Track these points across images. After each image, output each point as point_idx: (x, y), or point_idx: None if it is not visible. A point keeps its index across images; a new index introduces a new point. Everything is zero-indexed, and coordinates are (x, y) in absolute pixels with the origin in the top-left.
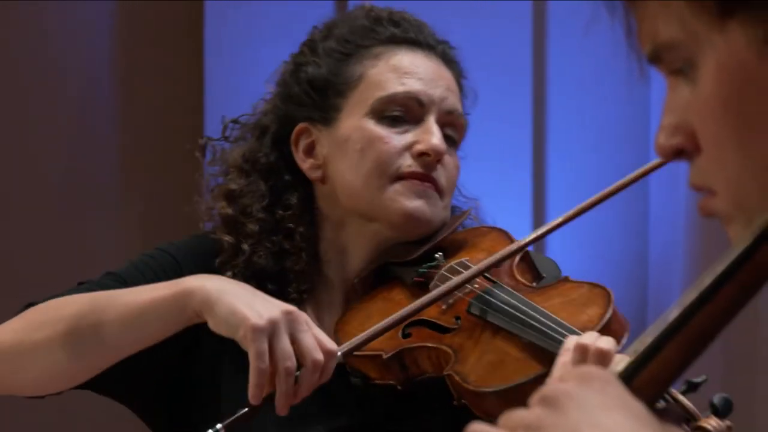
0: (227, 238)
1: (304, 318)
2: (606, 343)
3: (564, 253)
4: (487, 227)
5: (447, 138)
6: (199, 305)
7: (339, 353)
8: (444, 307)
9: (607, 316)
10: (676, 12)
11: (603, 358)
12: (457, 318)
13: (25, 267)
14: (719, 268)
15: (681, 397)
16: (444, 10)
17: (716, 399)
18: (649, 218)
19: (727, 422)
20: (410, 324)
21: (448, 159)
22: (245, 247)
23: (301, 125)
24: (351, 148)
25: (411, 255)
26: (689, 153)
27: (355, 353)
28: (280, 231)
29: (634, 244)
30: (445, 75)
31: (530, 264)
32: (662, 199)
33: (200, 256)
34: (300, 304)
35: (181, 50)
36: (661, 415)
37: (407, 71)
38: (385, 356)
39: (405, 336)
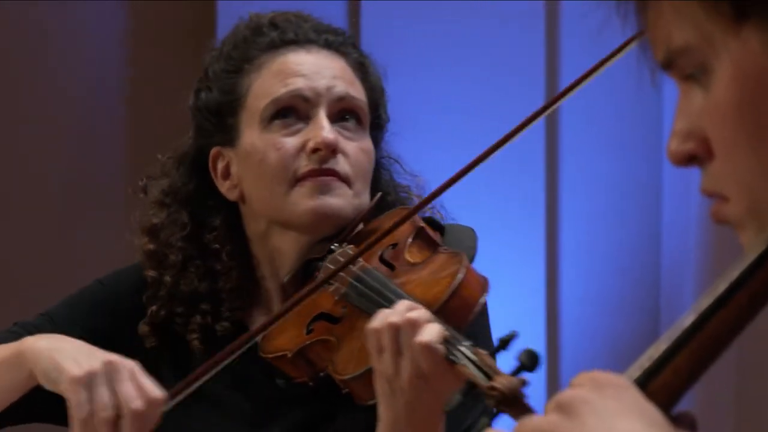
0: (151, 273)
1: (129, 366)
2: (415, 313)
3: (576, 259)
4: (402, 208)
5: (347, 124)
6: (30, 364)
7: (168, 400)
8: (336, 297)
9: (454, 284)
10: (690, 16)
11: (412, 327)
12: (345, 307)
13: (28, 269)
14: (734, 274)
15: (470, 355)
16: (458, 11)
17: (522, 354)
18: (662, 224)
19: (522, 377)
20: (313, 319)
21: (349, 146)
22: (167, 278)
23: (214, 150)
24: (253, 162)
25: (324, 250)
26: (702, 159)
27: (269, 356)
28: (207, 254)
29: (646, 251)
30: (332, 64)
31: (428, 240)
32: (675, 205)
33: (135, 293)
34: (242, 320)
35: (193, 52)
36: (676, 421)
37: (289, 72)
38: (290, 355)
39: (308, 332)
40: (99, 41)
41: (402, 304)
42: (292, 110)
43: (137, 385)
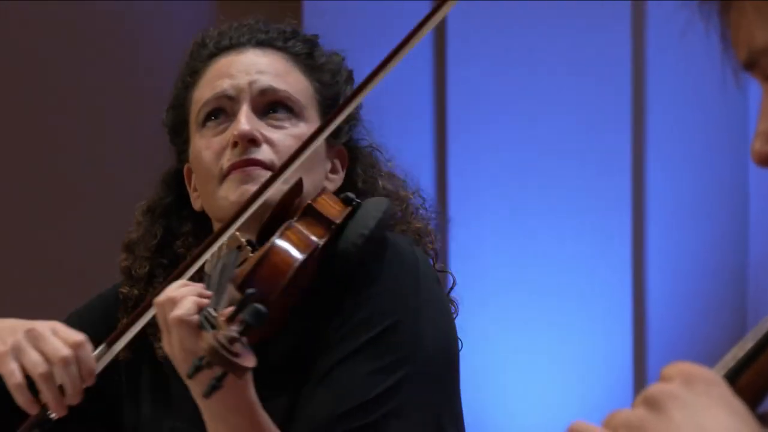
0: (123, 289)
1: (49, 325)
2: (177, 290)
3: (663, 260)
4: (327, 194)
5: (277, 115)
6: None
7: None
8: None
9: (260, 256)
10: None
11: (171, 303)
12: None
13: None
14: None
15: (211, 319)
16: (544, 12)
17: (246, 312)
18: (749, 225)
19: (233, 333)
20: None
21: (276, 134)
22: (135, 292)
23: (186, 167)
24: (195, 167)
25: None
26: None
27: None
28: (176, 261)
29: (733, 251)
30: (259, 60)
31: (318, 217)
32: (761, 206)
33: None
34: None
35: None
36: (762, 420)
37: (218, 75)
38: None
39: None
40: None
41: (174, 284)
42: (220, 111)
43: (60, 337)
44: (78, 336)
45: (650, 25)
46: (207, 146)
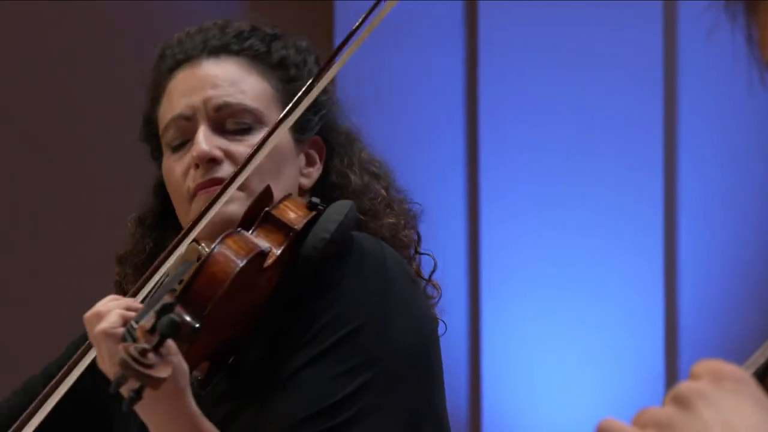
0: None
1: None
2: (105, 305)
3: (694, 261)
4: (291, 199)
5: (237, 128)
6: None
7: None
8: None
9: (198, 266)
10: None
11: (97, 318)
12: None
13: None
14: None
15: (131, 331)
16: (575, 11)
17: (161, 323)
18: None
19: (144, 344)
20: None
21: (237, 148)
22: None
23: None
24: (167, 186)
25: None
26: None
27: None
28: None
29: (765, 249)
30: (213, 72)
31: (277, 224)
32: None
33: None
34: None
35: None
36: None
37: (174, 93)
38: None
39: None
40: None
41: (105, 298)
42: (180, 131)
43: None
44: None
45: (682, 22)
46: (172, 168)
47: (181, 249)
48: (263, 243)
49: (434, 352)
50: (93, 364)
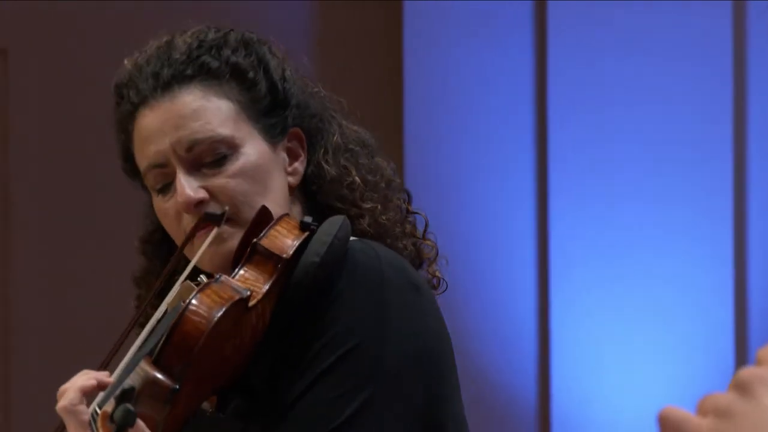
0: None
1: None
2: (72, 382)
3: (764, 247)
4: (287, 219)
5: (212, 161)
6: None
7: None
8: None
9: (170, 326)
10: None
11: (60, 395)
12: None
13: None
14: None
15: (93, 414)
16: (644, 5)
17: (116, 412)
18: None
19: None
20: None
21: (218, 182)
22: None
23: None
24: (159, 220)
25: None
26: None
27: None
28: None
29: None
30: (173, 108)
31: (266, 254)
32: None
33: None
34: None
35: (380, 52)
36: None
37: (141, 140)
38: None
39: None
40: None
41: (79, 374)
42: (159, 177)
43: None
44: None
45: (751, 15)
46: (165, 213)
47: (173, 292)
48: (247, 282)
49: (442, 358)
50: None
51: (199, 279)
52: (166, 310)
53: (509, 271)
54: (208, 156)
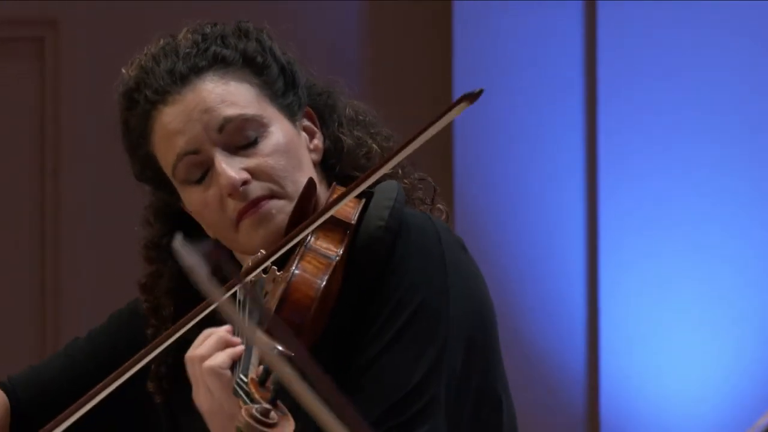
0: (149, 330)
1: None
2: (199, 342)
3: None
4: (336, 187)
5: (245, 142)
6: None
7: None
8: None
9: (281, 293)
10: None
11: (200, 359)
12: None
13: None
14: None
15: (241, 383)
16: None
17: (274, 380)
18: None
19: (265, 405)
20: None
21: (256, 162)
22: (163, 332)
23: (179, 204)
24: (198, 216)
25: None
26: None
27: None
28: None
29: None
30: (197, 96)
31: (336, 222)
32: None
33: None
34: None
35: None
36: None
37: (167, 134)
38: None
39: None
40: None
41: (203, 333)
42: (193, 166)
43: None
44: None
45: None
46: (204, 203)
47: (260, 269)
48: (329, 249)
49: (492, 320)
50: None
51: (259, 253)
52: (256, 283)
53: (559, 247)
54: (240, 138)
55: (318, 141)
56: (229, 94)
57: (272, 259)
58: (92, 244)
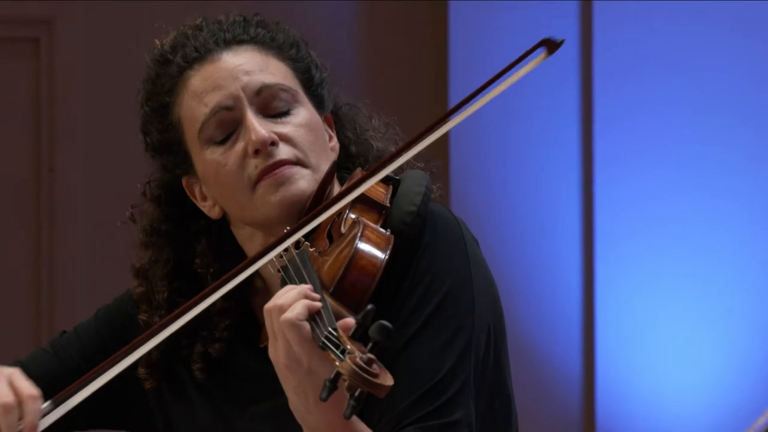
0: (142, 316)
1: (5, 374)
2: (283, 297)
3: None
4: (360, 171)
5: (278, 110)
6: None
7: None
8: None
9: (347, 261)
10: None
11: (280, 310)
12: None
13: None
14: None
15: (330, 336)
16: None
17: (373, 330)
18: None
19: (369, 354)
20: None
21: (287, 128)
22: (156, 319)
23: (184, 180)
24: (212, 182)
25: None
26: None
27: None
28: (194, 281)
29: None
30: (239, 60)
31: (370, 203)
32: None
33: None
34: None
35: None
36: None
37: (203, 90)
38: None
39: None
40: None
41: (283, 288)
42: (222, 124)
43: (12, 386)
44: (31, 390)
45: None
46: (224, 162)
47: (297, 237)
48: (378, 226)
49: (502, 313)
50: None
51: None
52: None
53: (554, 245)
54: (274, 105)
55: (335, 144)
56: (268, 65)
57: (314, 224)
58: (86, 241)
